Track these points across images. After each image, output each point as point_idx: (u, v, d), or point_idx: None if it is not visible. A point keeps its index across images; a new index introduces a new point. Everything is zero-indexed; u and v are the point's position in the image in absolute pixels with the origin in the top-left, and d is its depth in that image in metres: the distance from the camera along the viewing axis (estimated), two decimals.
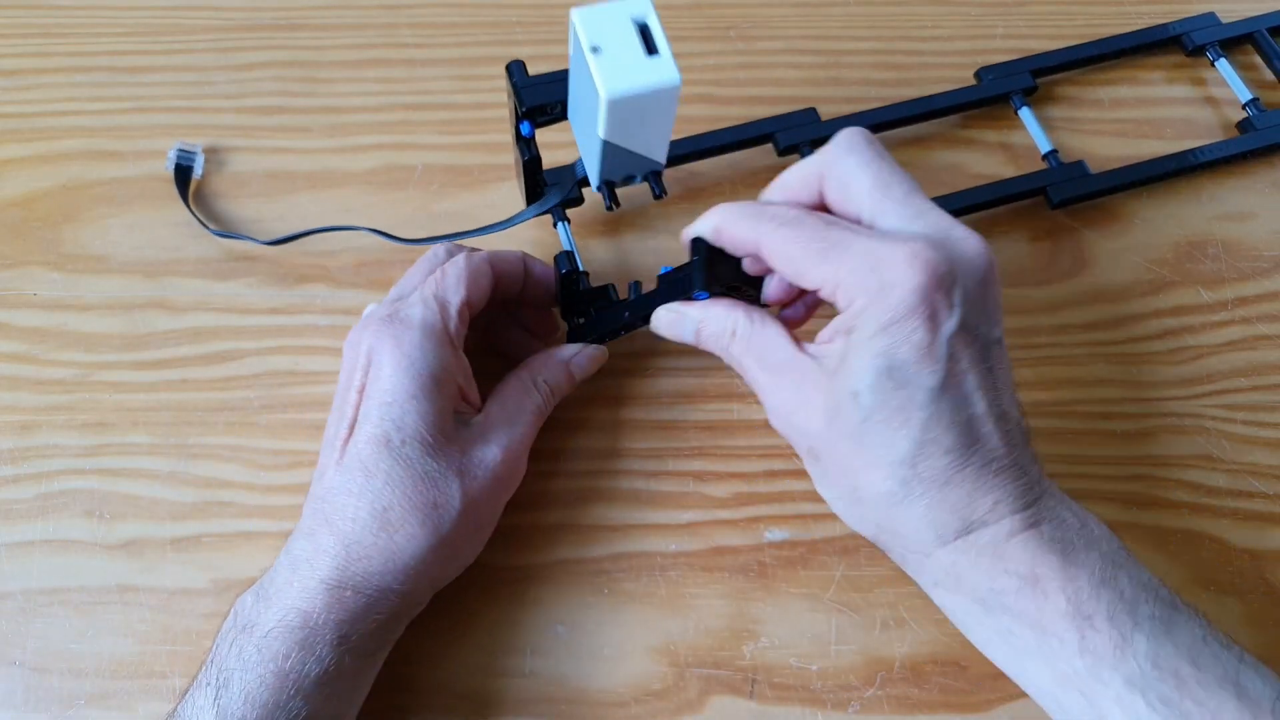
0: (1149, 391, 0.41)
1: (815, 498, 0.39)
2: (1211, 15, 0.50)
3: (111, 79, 0.49)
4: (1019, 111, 0.47)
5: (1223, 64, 0.49)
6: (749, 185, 0.46)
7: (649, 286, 0.38)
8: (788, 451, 0.40)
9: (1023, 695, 0.36)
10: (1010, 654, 0.30)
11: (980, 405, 0.30)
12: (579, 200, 0.42)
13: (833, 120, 0.46)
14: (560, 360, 0.38)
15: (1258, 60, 0.50)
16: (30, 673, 0.36)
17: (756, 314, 0.33)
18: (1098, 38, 0.50)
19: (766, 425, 0.40)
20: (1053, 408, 0.41)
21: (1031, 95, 0.48)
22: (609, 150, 0.32)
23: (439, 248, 0.38)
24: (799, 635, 0.37)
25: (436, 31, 0.50)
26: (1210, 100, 0.49)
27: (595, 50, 0.29)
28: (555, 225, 0.42)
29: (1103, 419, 0.41)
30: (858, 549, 0.38)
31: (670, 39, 0.30)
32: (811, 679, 0.36)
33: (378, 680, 0.36)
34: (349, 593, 0.31)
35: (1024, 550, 0.29)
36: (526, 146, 0.36)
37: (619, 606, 0.37)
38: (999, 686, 0.36)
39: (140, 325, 0.43)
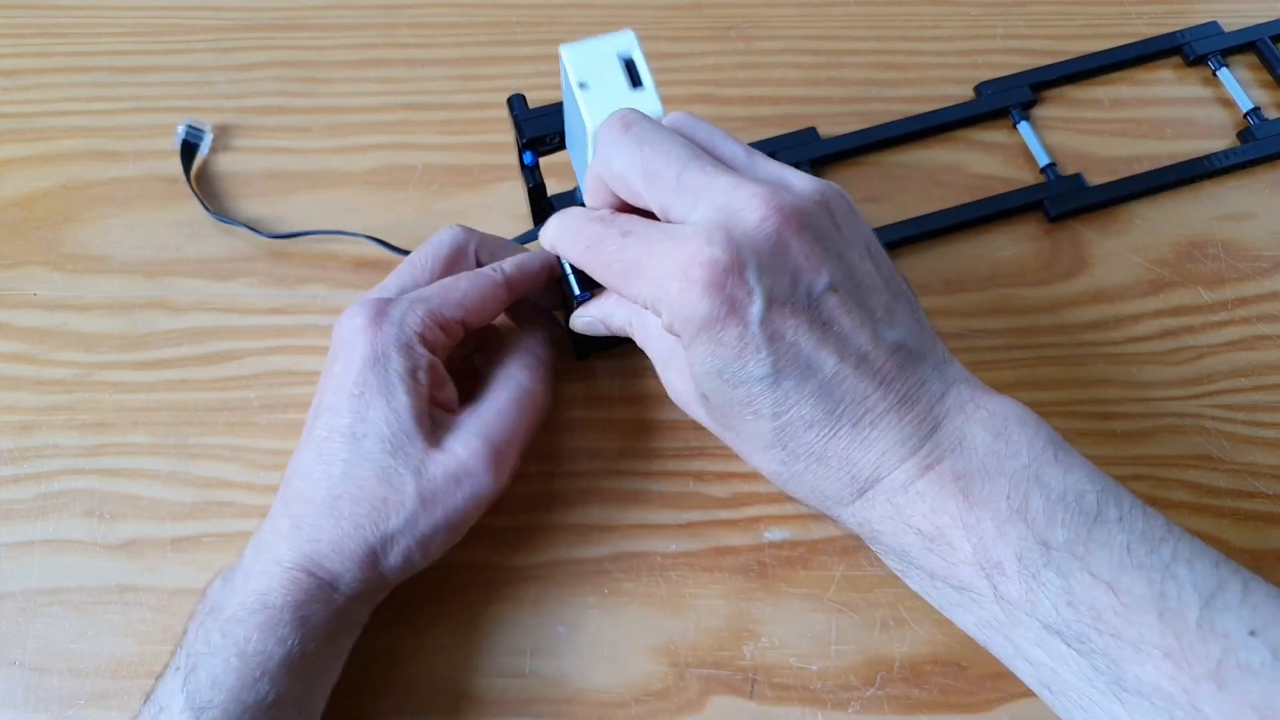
0: (1149, 391, 0.41)
1: None
2: (1214, 24, 0.50)
3: (111, 79, 0.49)
4: (1018, 125, 0.47)
5: (1224, 73, 0.48)
6: None
7: None
8: None
9: (1023, 695, 0.36)
10: (940, 604, 0.30)
11: (829, 365, 0.28)
12: None
13: (833, 138, 0.46)
14: (531, 353, 0.37)
15: (1256, 62, 0.50)
16: (30, 673, 0.36)
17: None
18: (1098, 40, 0.50)
19: None
20: (1053, 408, 0.41)
21: (1030, 108, 0.48)
22: None
23: (447, 233, 0.37)
24: (799, 635, 0.37)
25: (436, 31, 0.50)
26: (1212, 101, 0.49)
27: (583, 86, 0.31)
28: None
29: (1103, 419, 0.41)
30: (858, 549, 0.38)
31: (669, 39, 0.30)
32: (811, 679, 0.36)
33: (378, 680, 0.36)
34: (303, 575, 0.31)
35: (921, 500, 0.28)
36: (530, 174, 0.37)
37: (619, 606, 0.37)
38: (999, 686, 0.36)
39: (140, 325, 0.43)
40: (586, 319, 0.36)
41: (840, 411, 0.28)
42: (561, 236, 0.32)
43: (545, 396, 0.36)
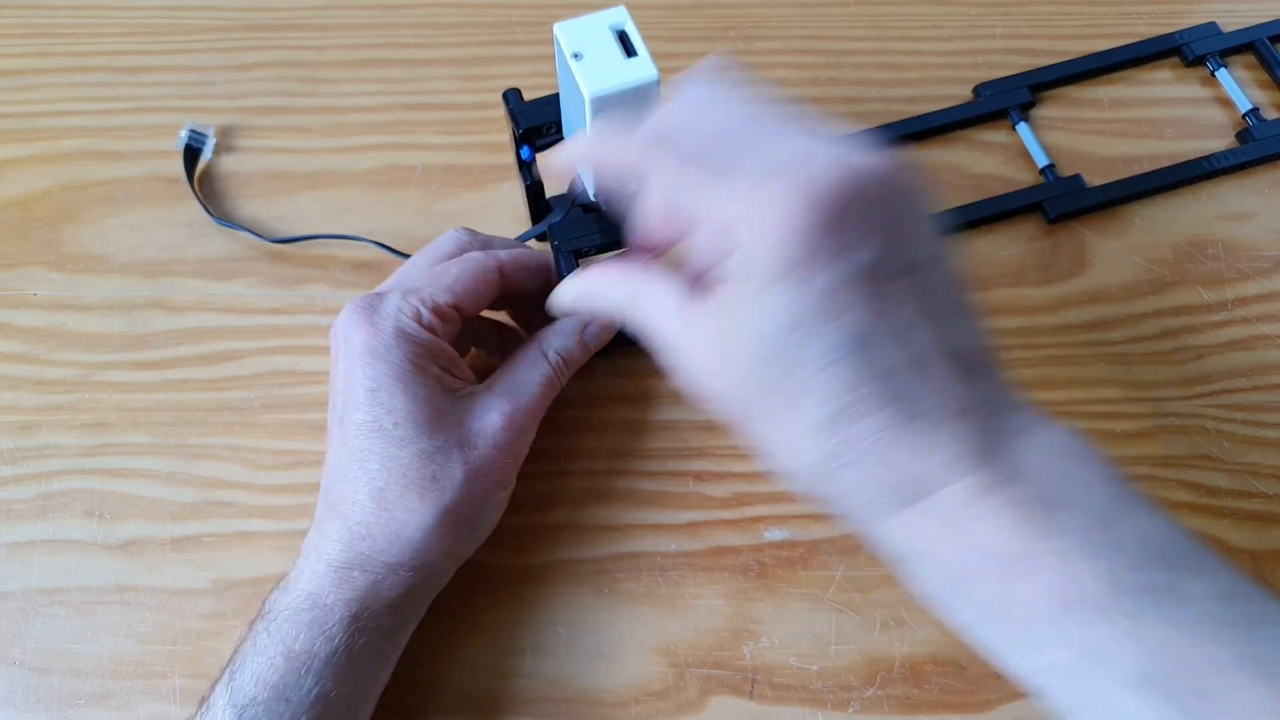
0: (1149, 391, 0.41)
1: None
2: (1213, 25, 0.50)
3: (111, 79, 0.49)
4: (1016, 127, 0.47)
5: (1223, 74, 0.48)
6: None
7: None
8: None
9: (1023, 695, 0.36)
10: (988, 635, 0.25)
11: (924, 340, 0.24)
12: None
13: None
14: (572, 330, 0.37)
15: (1255, 62, 0.50)
16: (30, 673, 0.36)
17: (638, 271, 0.28)
18: (1098, 40, 0.50)
19: None
20: (1053, 408, 0.41)
21: (1029, 109, 0.48)
22: None
23: (450, 236, 0.37)
24: (799, 635, 0.37)
25: (436, 31, 0.50)
26: (1210, 102, 0.49)
27: (577, 57, 0.30)
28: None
29: (1103, 419, 0.41)
30: (858, 549, 0.38)
31: (669, 39, 0.30)
32: (811, 679, 0.36)
33: None
34: (355, 572, 0.31)
35: (982, 522, 0.24)
36: (527, 170, 0.37)
37: (619, 606, 0.37)
38: (999, 686, 0.36)
39: (140, 325, 0.43)
40: (573, 294, 0.31)
41: (920, 398, 0.24)
42: (611, 144, 0.28)
43: (564, 379, 0.36)
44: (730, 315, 0.25)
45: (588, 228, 0.36)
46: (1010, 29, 0.51)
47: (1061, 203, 0.45)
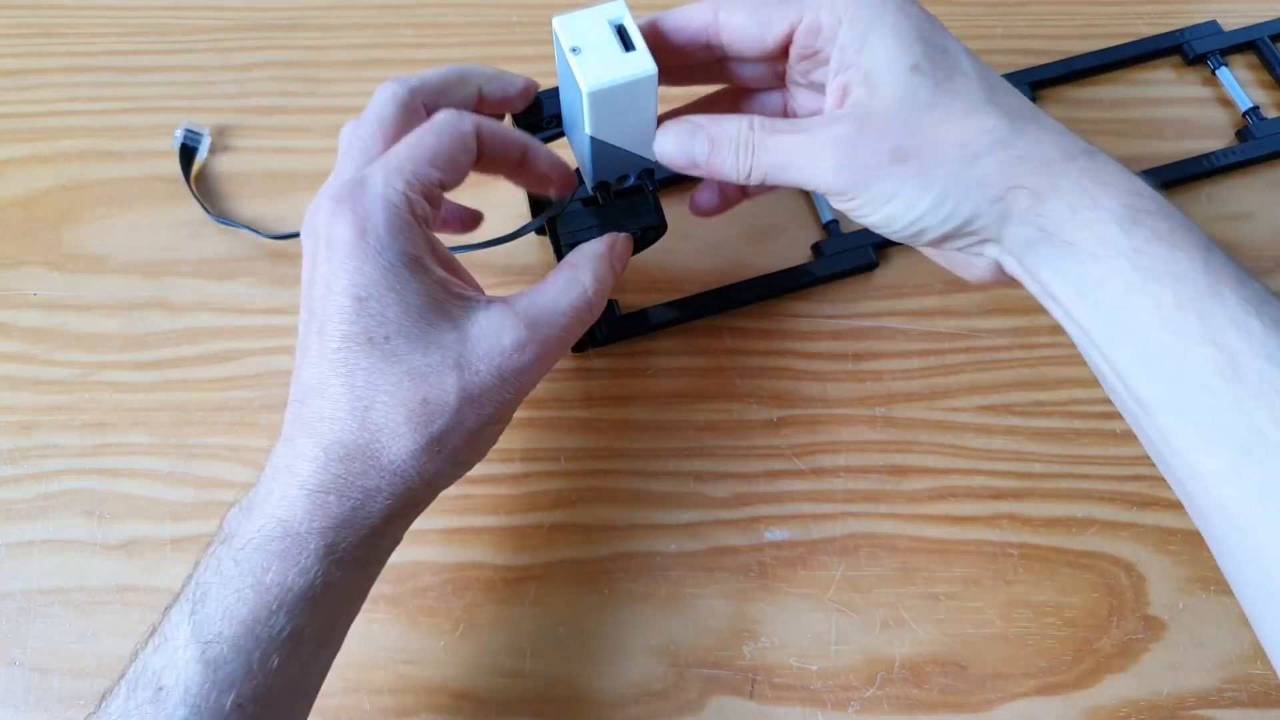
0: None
1: (815, 498, 0.39)
2: (1213, 24, 0.50)
3: (111, 79, 0.49)
4: None
5: (1223, 72, 0.48)
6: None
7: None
8: (788, 452, 0.40)
9: (1023, 695, 0.36)
10: (1135, 278, 0.28)
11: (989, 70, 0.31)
12: None
13: None
14: (603, 252, 0.33)
15: (1256, 61, 0.50)
16: (30, 673, 0.36)
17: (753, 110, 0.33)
18: (1098, 40, 0.50)
19: (766, 425, 0.40)
20: (1053, 408, 0.41)
21: None
22: (598, 148, 0.33)
23: (385, 90, 0.32)
24: (799, 635, 0.37)
25: (436, 31, 0.50)
26: (1211, 101, 0.49)
27: (575, 51, 0.30)
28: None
29: (1103, 419, 0.41)
30: (858, 549, 0.38)
31: None
32: (811, 679, 0.36)
33: (378, 680, 0.36)
34: (331, 497, 0.28)
35: (1139, 180, 0.29)
36: None
37: (619, 606, 0.37)
38: (999, 686, 0.36)
39: (140, 325, 0.43)
40: (682, 131, 0.32)
41: (1028, 100, 0.30)
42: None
43: (598, 311, 0.33)
44: (867, 74, 0.30)
45: (587, 220, 0.36)
46: (1010, 29, 0.51)
47: None
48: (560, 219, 0.36)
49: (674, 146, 0.32)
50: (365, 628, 0.37)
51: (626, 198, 0.36)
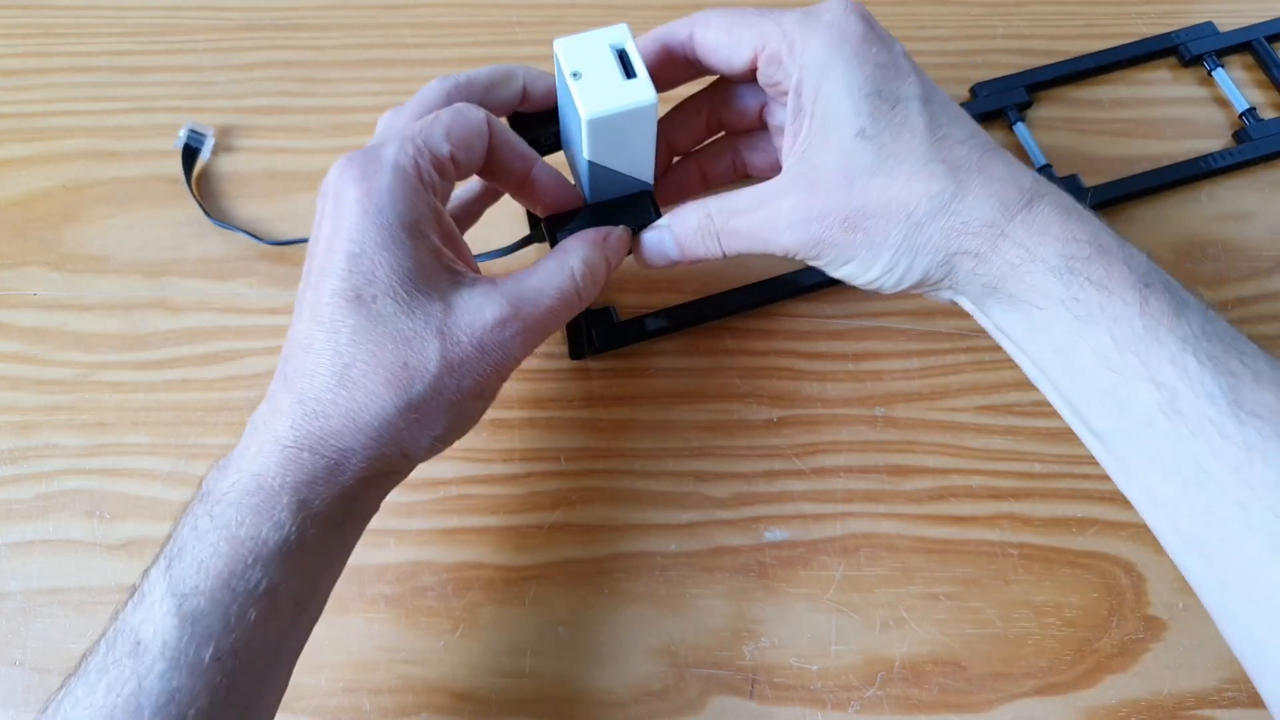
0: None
1: (815, 498, 0.39)
2: (1209, 25, 0.50)
3: (111, 79, 0.49)
4: (1014, 127, 0.47)
5: (1220, 73, 0.48)
6: None
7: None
8: (787, 452, 0.40)
9: (1023, 695, 0.36)
10: (1074, 325, 0.29)
11: (952, 108, 0.32)
12: None
13: None
14: (597, 239, 0.34)
15: (1252, 62, 0.50)
16: (30, 673, 0.36)
17: (705, 194, 0.34)
18: (1098, 40, 0.50)
19: (766, 425, 0.40)
20: (1053, 407, 0.41)
21: (1026, 109, 0.48)
22: (595, 172, 0.33)
23: (434, 86, 0.33)
24: (799, 635, 0.37)
25: (436, 31, 0.50)
26: (1208, 101, 0.49)
27: (576, 76, 0.31)
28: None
29: None
30: (858, 549, 0.38)
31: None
32: (811, 679, 0.36)
33: (378, 680, 0.36)
34: (305, 453, 0.28)
35: (1085, 221, 0.30)
36: None
37: (619, 606, 0.37)
38: (999, 686, 0.36)
39: (140, 325, 0.43)
40: (655, 239, 0.34)
41: (982, 135, 0.32)
42: (663, 29, 0.34)
43: (588, 300, 0.33)
44: (822, 125, 0.31)
45: (583, 221, 0.35)
46: (1010, 29, 0.51)
47: None
48: (555, 219, 0.36)
49: (651, 256, 0.35)
50: (365, 628, 0.37)
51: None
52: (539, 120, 0.35)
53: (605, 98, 0.30)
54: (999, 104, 0.48)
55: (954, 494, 0.39)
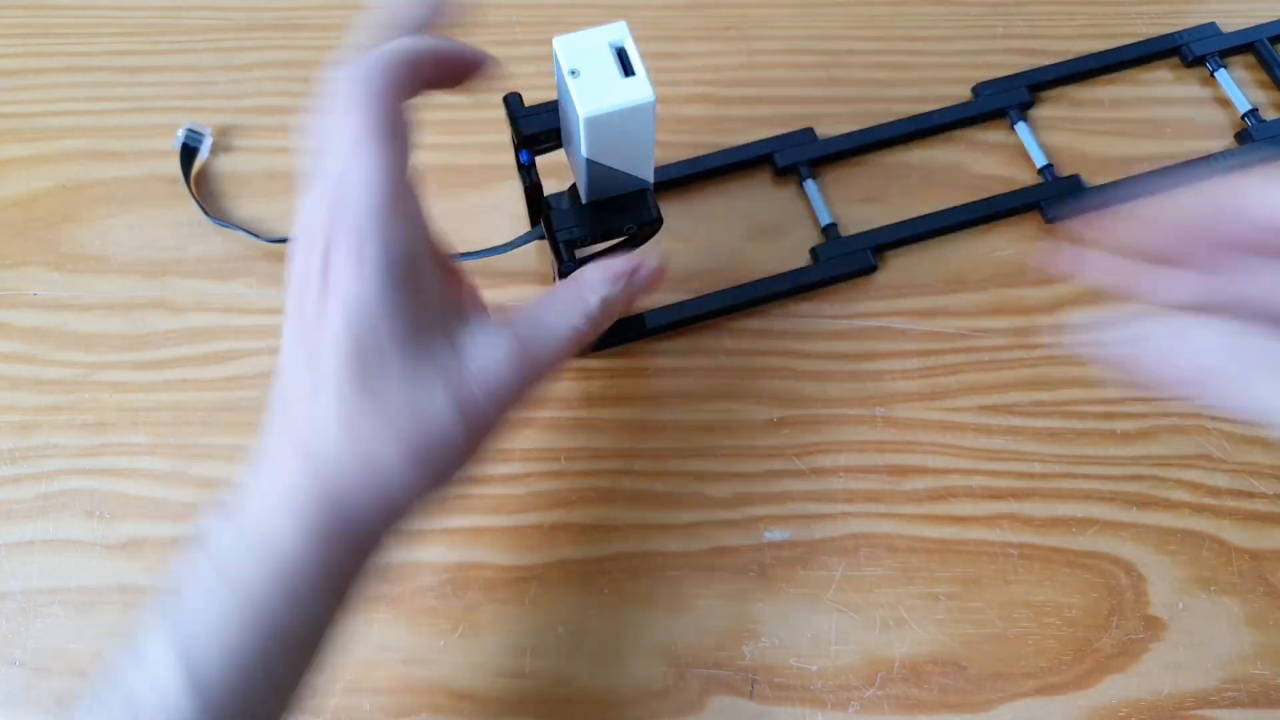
0: (1149, 391, 0.41)
1: (815, 498, 0.39)
2: (1212, 25, 0.50)
3: (111, 79, 0.49)
4: (1015, 127, 0.47)
5: (1222, 74, 0.48)
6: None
7: None
8: (787, 452, 0.40)
9: (1023, 695, 0.36)
10: None
11: None
12: None
13: (829, 139, 0.46)
14: (625, 270, 0.31)
15: (1255, 63, 0.50)
16: (30, 673, 0.36)
17: None
18: (1098, 40, 0.50)
19: (767, 425, 0.40)
20: (1053, 408, 0.41)
21: (1028, 109, 0.48)
22: (594, 170, 0.33)
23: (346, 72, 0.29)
24: (799, 635, 0.37)
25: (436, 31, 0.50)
26: (1210, 102, 0.49)
27: (574, 73, 0.30)
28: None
29: (1103, 419, 0.41)
30: (857, 549, 0.38)
31: (669, 39, 0.30)
32: (811, 679, 0.36)
33: (378, 680, 0.36)
34: (323, 511, 0.26)
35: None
36: (527, 174, 0.37)
37: (619, 606, 0.37)
38: (999, 686, 0.36)
39: (140, 325, 0.43)
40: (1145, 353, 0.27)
41: None
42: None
43: (601, 331, 0.31)
44: None
45: (582, 216, 0.35)
46: (1010, 29, 0.51)
47: (1060, 203, 0.45)
48: (554, 213, 0.36)
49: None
50: (365, 628, 0.37)
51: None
52: (540, 118, 0.35)
53: (603, 96, 0.30)
54: (1001, 103, 0.47)
55: (954, 494, 0.39)
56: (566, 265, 0.35)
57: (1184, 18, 0.51)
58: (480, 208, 0.45)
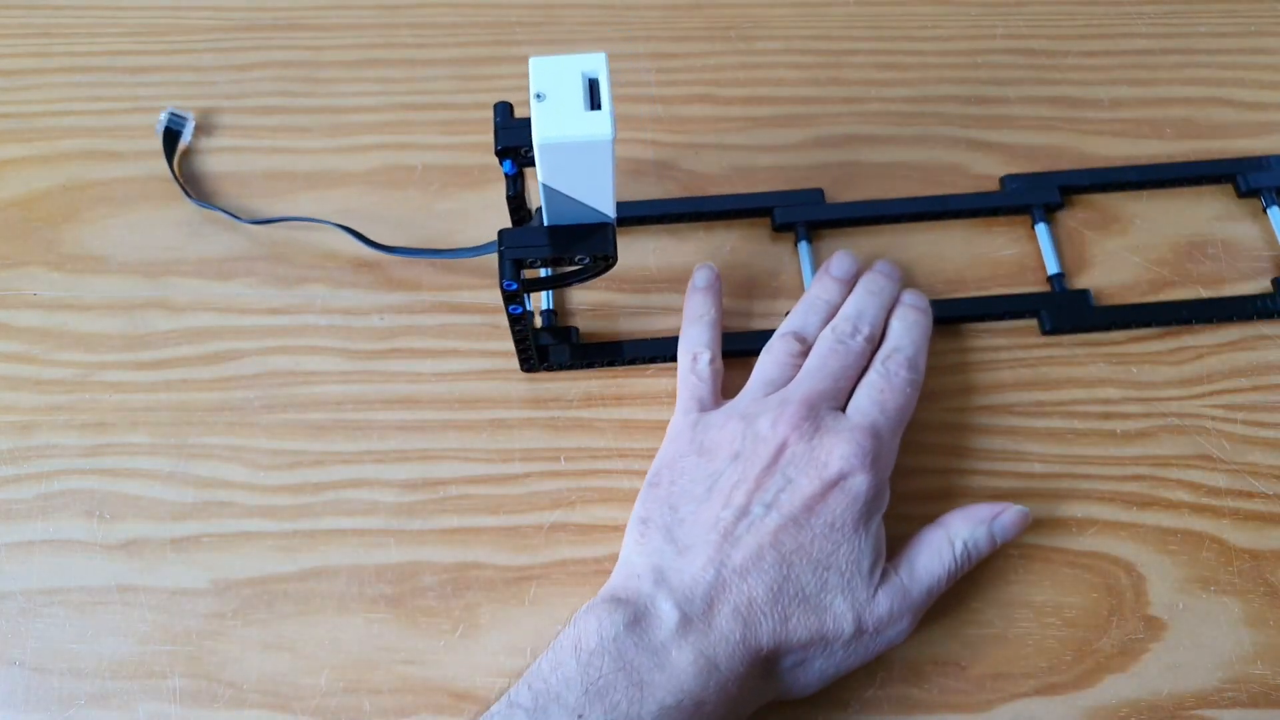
0: (1149, 391, 0.41)
1: None
2: (1274, 159, 0.46)
3: (111, 79, 0.49)
4: (1036, 227, 0.44)
5: (1275, 211, 0.44)
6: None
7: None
8: None
9: (1023, 695, 0.36)
10: None
11: None
12: None
13: (839, 204, 0.45)
14: (983, 519, 0.36)
15: None
16: (30, 673, 0.36)
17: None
18: (1097, 40, 0.50)
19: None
20: (1053, 407, 0.41)
21: (1055, 210, 0.45)
22: (550, 195, 0.32)
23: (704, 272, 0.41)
24: None
25: (436, 31, 0.50)
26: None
27: (539, 97, 0.30)
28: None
29: (1103, 419, 0.41)
30: None
31: (669, 39, 0.30)
32: None
33: (378, 680, 0.36)
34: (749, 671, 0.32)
35: None
36: (511, 183, 0.37)
37: None
38: (999, 686, 0.36)
39: (140, 325, 0.43)
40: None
41: None
42: None
43: (966, 569, 0.36)
44: None
45: (540, 238, 0.34)
46: (1010, 29, 0.51)
47: (1061, 316, 0.42)
48: (506, 230, 0.35)
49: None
50: (365, 628, 0.37)
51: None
52: (523, 132, 0.34)
53: (560, 125, 0.30)
54: (1027, 200, 0.45)
55: (954, 494, 0.39)
56: (507, 284, 0.34)
57: (1186, 18, 0.50)
58: (480, 208, 0.45)
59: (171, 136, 0.46)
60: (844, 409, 0.37)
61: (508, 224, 0.44)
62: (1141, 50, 0.50)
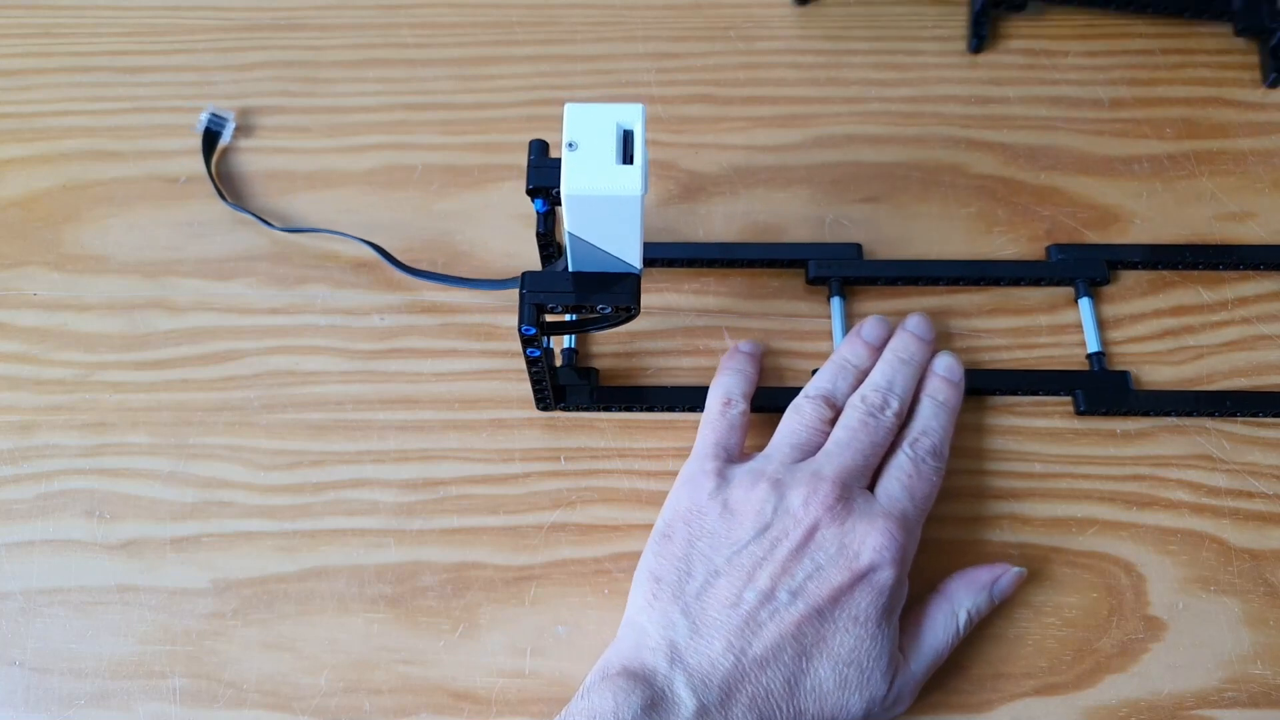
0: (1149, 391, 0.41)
1: None
2: None
3: (111, 79, 0.49)
4: (1079, 300, 0.43)
5: None
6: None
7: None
8: None
9: (1023, 695, 0.36)
10: None
11: None
12: None
13: (876, 261, 0.44)
14: (983, 585, 0.36)
15: None
16: (30, 673, 0.36)
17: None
18: (1097, 40, 0.50)
19: (765, 424, 0.40)
20: (1054, 408, 0.41)
21: (1100, 285, 0.43)
22: (575, 243, 0.32)
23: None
24: None
25: (436, 31, 0.50)
26: None
27: (570, 146, 0.30)
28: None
29: (1103, 419, 0.41)
30: None
31: (669, 39, 0.30)
32: None
33: (378, 680, 0.36)
34: None
35: None
36: (541, 220, 0.36)
37: (619, 606, 0.37)
38: (999, 686, 0.36)
39: (140, 325, 0.43)
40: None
41: None
42: None
43: (967, 632, 0.36)
44: None
45: (563, 283, 0.34)
46: (1010, 29, 0.51)
47: (1098, 397, 0.40)
48: (529, 273, 0.34)
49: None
50: (365, 628, 0.37)
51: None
52: (554, 172, 0.33)
53: (589, 177, 0.29)
54: (1072, 273, 0.43)
55: (954, 494, 0.39)
56: (525, 329, 0.33)
57: (1183, 18, 0.50)
58: (480, 207, 0.45)
59: (211, 137, 0.46)
60: (871, 486, 0.36)
61: (507, 224, 0.45)
62: (1141, 50, 0.50)
